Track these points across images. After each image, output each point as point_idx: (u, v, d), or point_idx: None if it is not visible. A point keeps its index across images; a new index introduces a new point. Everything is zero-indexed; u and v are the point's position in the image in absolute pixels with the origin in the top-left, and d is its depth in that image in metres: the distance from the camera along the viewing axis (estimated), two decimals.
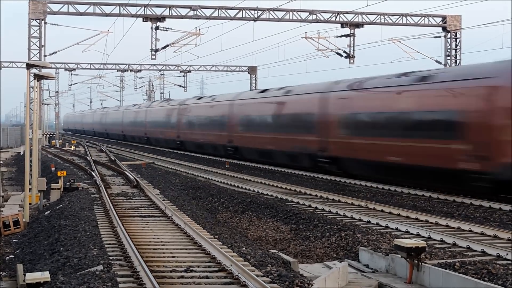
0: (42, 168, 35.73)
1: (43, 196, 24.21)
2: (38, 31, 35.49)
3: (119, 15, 36.03)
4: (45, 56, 36.57)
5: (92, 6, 35.72)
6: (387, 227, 17.26)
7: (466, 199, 21.99)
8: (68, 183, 26.08)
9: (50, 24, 37.66)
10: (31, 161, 24.83)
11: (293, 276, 11.14)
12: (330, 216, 19.30)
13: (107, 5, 35.97)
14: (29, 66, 22.42)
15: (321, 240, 16.71)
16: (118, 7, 35.87)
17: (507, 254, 13.32)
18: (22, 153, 52.42)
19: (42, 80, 30.50)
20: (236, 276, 10.99)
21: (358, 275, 12.97)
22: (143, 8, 35.94)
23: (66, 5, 35.49)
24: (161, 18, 36.25)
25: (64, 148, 62.31)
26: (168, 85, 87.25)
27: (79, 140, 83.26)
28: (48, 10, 35.38)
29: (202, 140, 51.34)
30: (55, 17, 37.81)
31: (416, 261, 12.02)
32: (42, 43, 35.61)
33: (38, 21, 35.41)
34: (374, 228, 17.19)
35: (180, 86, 74.90)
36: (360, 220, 18.51)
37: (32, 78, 25.46)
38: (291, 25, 38.17)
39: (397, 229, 16.85)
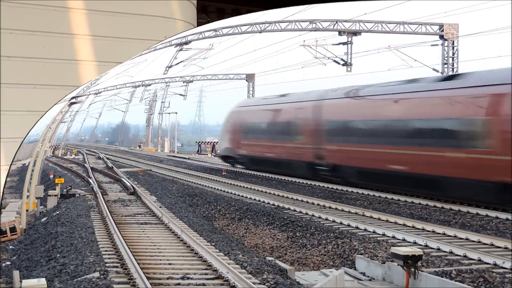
0: (42, 176, 35.69)
1: (40, 203, 24.20)
2: None
3: None
4: None
5: None
6: (383, 235, 17.27)
7: (463, 207, 22.00)
8: (65, 190, 26.08)
9: None
10: (33, 170, 24.86)
11: (290, 284, 11.14)
12: (327, 224, 19.30)
13: None
14: None
15: (318, 247, 16.70)
16: None
17: (504, 262, 13.33)
18: (27, 164, 52.29)
19: None
20: (233, 284, 10.99)
21: (355, 283, 12.97)
22: None
23: None
24: (187, 42, 36.44)
25: (64, 157, 62.50)
26: (169, 94, 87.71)
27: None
28: None
29: None
30: None
31: (413, 269, 12.03)
32: None
33: None
34: (371, 236, 17.19)
35: (181, 95, 75.69)
36: (357, 228, 18.51)
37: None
38: (290, 34, 38.22)
39: (393, 237, 16.85)
